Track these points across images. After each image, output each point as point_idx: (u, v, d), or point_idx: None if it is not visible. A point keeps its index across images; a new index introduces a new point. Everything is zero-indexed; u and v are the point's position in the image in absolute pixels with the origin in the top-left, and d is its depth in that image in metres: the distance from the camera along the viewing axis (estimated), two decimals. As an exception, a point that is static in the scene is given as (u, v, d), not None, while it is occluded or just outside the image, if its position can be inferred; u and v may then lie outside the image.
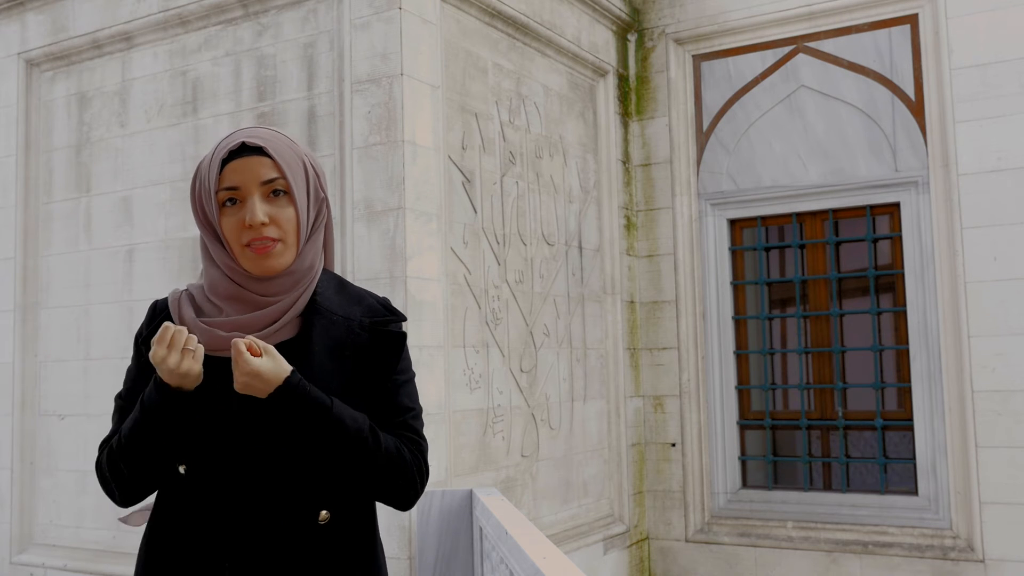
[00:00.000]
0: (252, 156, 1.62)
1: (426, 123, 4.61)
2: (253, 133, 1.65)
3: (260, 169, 1.62)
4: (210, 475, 1.59)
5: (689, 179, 6.37)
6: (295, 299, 1.65)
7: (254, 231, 1.60)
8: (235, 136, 1.65)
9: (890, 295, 6.03)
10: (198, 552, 1.58)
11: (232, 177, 1.62)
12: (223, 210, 1.63)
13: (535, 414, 5.38)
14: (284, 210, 1.63)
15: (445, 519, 3.99)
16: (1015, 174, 5.42)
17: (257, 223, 1.59)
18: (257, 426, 1.59)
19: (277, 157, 1.63)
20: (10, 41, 5.76)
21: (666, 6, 6.49)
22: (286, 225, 1.62)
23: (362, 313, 1.71)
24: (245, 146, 1.63)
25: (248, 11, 4.96)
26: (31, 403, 5.56)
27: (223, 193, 1.62)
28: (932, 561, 5.51)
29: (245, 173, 1.61)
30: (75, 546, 5.31)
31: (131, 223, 5.29)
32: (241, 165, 1.62)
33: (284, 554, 1.59)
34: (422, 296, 4.48)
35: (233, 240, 1.62)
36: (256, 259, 1.61)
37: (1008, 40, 5.46)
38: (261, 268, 1.62)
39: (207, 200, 1.64)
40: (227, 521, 1.58)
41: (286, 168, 1.63)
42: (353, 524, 1.67)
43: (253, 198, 1.61)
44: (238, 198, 1.62)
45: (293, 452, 1.59)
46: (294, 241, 1.64)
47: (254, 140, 1.63)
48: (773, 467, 6.22)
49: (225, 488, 1.58)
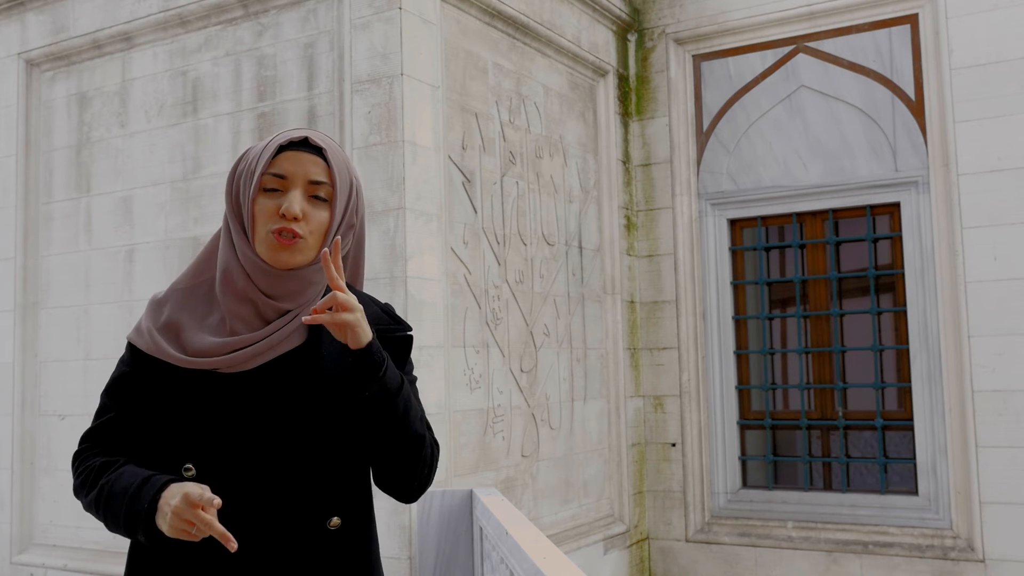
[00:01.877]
0: (309, 153, 1.63)
1: (426, 123, 4.61)
2: (318, 135, 1.67)
3: (312, 168, 1.62)
4: (220, 478, 1.57)
5: (689, 179, 6.37)
6: (298, 313, 1.64)
7: (286, 221, 1.60)
8: (300, 130, 1.66)
9: (890, 295, 6.03)
10: (202, 557, 1.56)
11: (284, 165, 1.62)
12: (262, 194, 1.63)
13: (535, 414, 5.38)
14: (320, 213, 1.63)
15: (445, 519, 3.99)
16: (1015, 174, 5.41)
17: (292, 214, 1.59)
18: (271, 431, 1.58)
19: (333, 164, 1.64)
20: (10, 41, 5.76)
21: (666, 6, 6.49)
22: (316, 227, 1.62)
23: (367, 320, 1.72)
24: (307, 141, 1.64)
25: (248, 11, 4.96)
26: (31, 403, 5.56)
27: (268, 178, 1.62)
28: (932, 561, 5.51)
29: (297, 166, 1.62)
30: (75, 546, 5.31)
31: (131, 223, 5.29)
32: (296, 157, 1.62)
33: (292, 559, 1.58)
34: (422, 296, 4.48)
35: (260, 224, 1.62)
36: (276, 248, 1.60)
37: (1008, 40, 5.46)
38: (278, 259, 1.61)
39: (247, 180, 1.64)
40: (234, 525, 1.55)
41: (337, 178, 1.64)
42: (357, 529, 1.67)
43: (296, 191, 1.61)
44: (281, 188, 1.62)
45: (310, 458, 1.58)
46: (317, 245, 1.63)
47: (317, 140, 1.64)
48: (773, 467, 6.22)
49: (235, 492, 1.56)
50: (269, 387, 1.60)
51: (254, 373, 1.60)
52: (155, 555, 1.60)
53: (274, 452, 1.58)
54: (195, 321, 1.64)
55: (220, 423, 1.58)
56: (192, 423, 1.58)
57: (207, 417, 1.58)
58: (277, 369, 1.61)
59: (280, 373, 1.61)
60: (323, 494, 1.59)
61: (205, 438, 1.58)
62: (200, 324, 1.63)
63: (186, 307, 1.66)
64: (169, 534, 1.49)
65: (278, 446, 1.59)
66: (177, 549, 1.56)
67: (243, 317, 1.62)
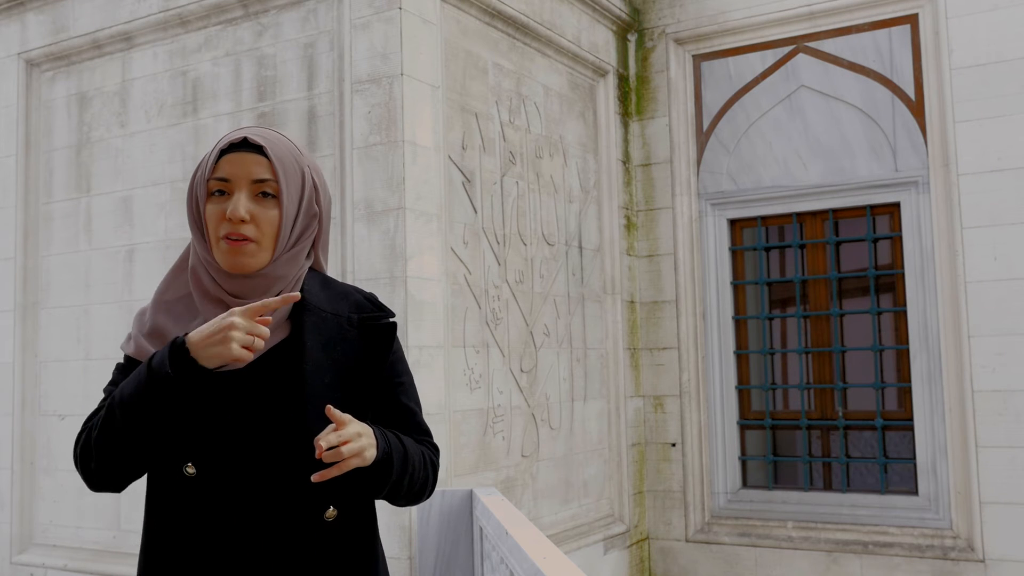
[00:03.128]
0: (250, 153, 1.63)
1: (426, 123, 4.61)
2: (258, 132, 1.67)
3: (254, 167, 1.62)
4: (219, 476, 1.59)
5: (689, 179, 6.37)
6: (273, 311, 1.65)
7: (232, 225, 1.60)
8: (240, 131, 1.67)
9: (890, 295, 6.03)
10: (205, 553, 1.58)
11: (226, 168, 1.63)
12: (210, 199, 1.64)
13: (535, 414, 5.38)
14: (268, 212, 1.63)
15: (445, 519, 3.99)
16: (1015, 174, 5.41)
17: (237, 217, 1.59)
18: (267, 426, 1.60)
19: (275, 159, 1.63)
20: (10, 41, 5.76)
21: (666, 6, 6.49)
22: (265, 227, 1.62)
23: (350, 309, 1.73)
24: (246, 141, 1.64)
25: (248, 11, 4.96)
26: (31, 403, 5.56)
27: (213, 182, 1.63)
28: (932, 561, 5.51)
29: (239, 167, 1.62)
30: (75, 546, 5.31)
31: (131, 223, 5.29)
32: (237, 159, 1.63)
33: (290, 551, 1.60)
34: (422, 296, 4.48)
35: (212, 230, 1.63)
36: (228, 253, 1.62)
37: (1008, 40, 5.46)
38: (231, 264, 1.62)
39: (200, 187, 1.66)
40: (236, 521, 1.58)
41: (281, 172, 1.63)
42: (357, 522, 1.68)
43: (240, 193, 1.62)
44: (227, 190, 1.63)
45: (303, 448, 1.59)
46: (270, 245, 1.64)
47: (256, 138, 1.64)
48: (773, 467, 6.22)
49: (235, 489, 1.58)
50: (258, 382, 1.62)
51: (242, 370, 1.60)
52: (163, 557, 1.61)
53: (267, 446, 1.60)
54: (179, 326, 1.65)
55: (213, 420, 1.59)
56: (193, 425, 1.59)
57: (200, 415, 1.58)
58: (264, 364, 1.62)
59: (267, 368, 1.63)
60: (317, 485, 1.59)
61: (200, 436, 1.59)
62: (184, 328, 1.64)
63: (170, 313, 1.68)
64: (204, 354, 1.50)
65: (270, 439, 1.60)
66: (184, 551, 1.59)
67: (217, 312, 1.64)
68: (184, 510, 1.60)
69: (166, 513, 1.63)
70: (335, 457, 1.50)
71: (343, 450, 1.50)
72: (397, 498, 1.71)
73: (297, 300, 1.56)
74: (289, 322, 1.67)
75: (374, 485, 1.62)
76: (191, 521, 1.59)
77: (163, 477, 1.63)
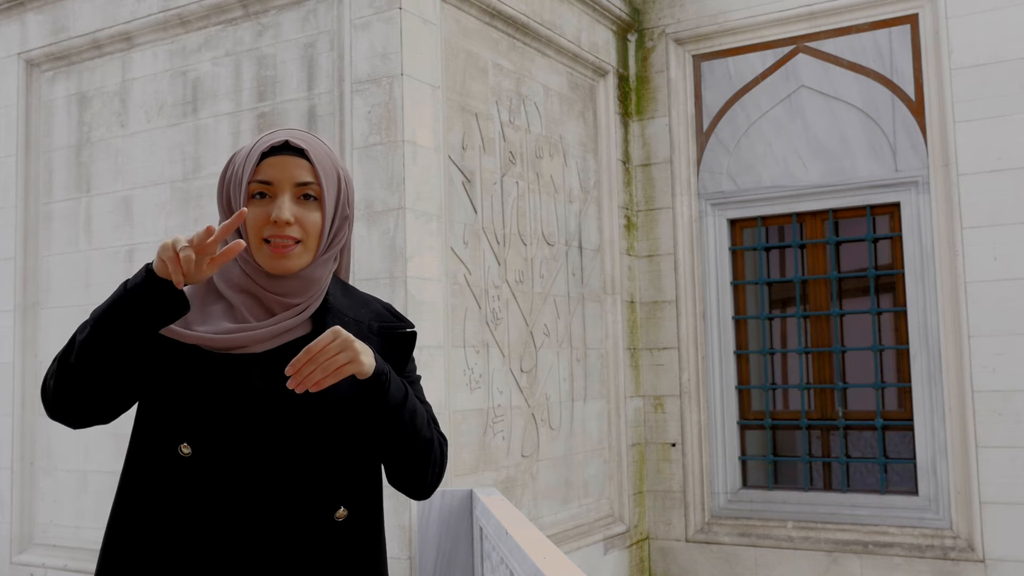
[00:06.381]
0: (292, 156, 1.63)
1: (426, 123, 4.61)
2: (298, 135, 1.66)
3: (297, 170, 1.63)
4: (219, 461, 1.54)
5: (689, 179, 6.37)
6: (307, 306, 1.65)
7: (278, 227, 1.60)
8: (279, 133, 1.66)
9: (890, 295, 6.03)
10: (193, 545, 1.52)
11: (268, 172, 1.62)
12: (251, 202, 1.63)
13: (535, 414, 5.38)
14: (311, 214, 1.63)
15: (445, 519, 3.98)
16: (1015, 174, 5.42)
17: (283, 220, 1.60)
18: (275, 417, 1.57)
19: (316, 163, 1.64)
20: (10, 41, 5.76)
21: (666, 6, 6.49)
22: (310, 228, 1.63)
23: (370, 317, 1.73)
24: (288, 145, 1.64)
25: (248, 11, 4.96)
26: (31, 403, 5.56)
27: (255, 185, 1.63)
28: (932, 561, 5.51)
29: (282, 171, 1.62)
30: (75, 546, 5.31)
31: (131, 223, 5.29)
32: (280, 162, 1.63)
33: (297, 551, 1.56)
34: (422, 296, 4.48)
35: (253, 233, 1.62)
36: (273, 257, 1.61)
37: (1008, 40, 5.46)
38: (276, 266, 1.62)
39: (236, 189, 1.65)
40: (234, 513, 1.53)
41: (323, 176, 1.64)
42: (366, 523, 1.65)
43: (284, 196, 1.62)
44: (268, 193, 1.63)
45: (318, 445, 1.58)
46: (314, 246, 1.64)
47: (297, 141, 1.64)
48: (773, 467, 6.22)
49: (236, 477, 1.54)
50: (272, 373, 1.59)
51: (260, 358, 1.59)
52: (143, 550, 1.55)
53: (280, 439, 1.57)
54: (198, 311, 1.63)
55: (216, 401, 1.56)
56: (196, 403, 1.56)
57: (211, 398, 1.56)
58: (282, 357, 1.60)
59: (284, 361, 1.58)
60: (330, 484, 1.58)
61: (200, 415, 1.55)
62: (203, 311, 1.62)
63: (192, 298, 1.64)
64: (167, 267, 1.46)
65: (284, 433, 1.58)
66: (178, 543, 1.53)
67: (248, 306, 1.63)
68: (172, 496, 1.53)
69: (149, 498, 1.55)
70: (303, 382, 1.46)
71: (332, 346, 1.48)
72: (402, 447, 1.63)
73: (243, 248, 1.51)
74: (311, 321, 1.66)
75: (374, 407, 1.57)
76: (180, 509, 1.53)
77: (150, 458, 1.56)
